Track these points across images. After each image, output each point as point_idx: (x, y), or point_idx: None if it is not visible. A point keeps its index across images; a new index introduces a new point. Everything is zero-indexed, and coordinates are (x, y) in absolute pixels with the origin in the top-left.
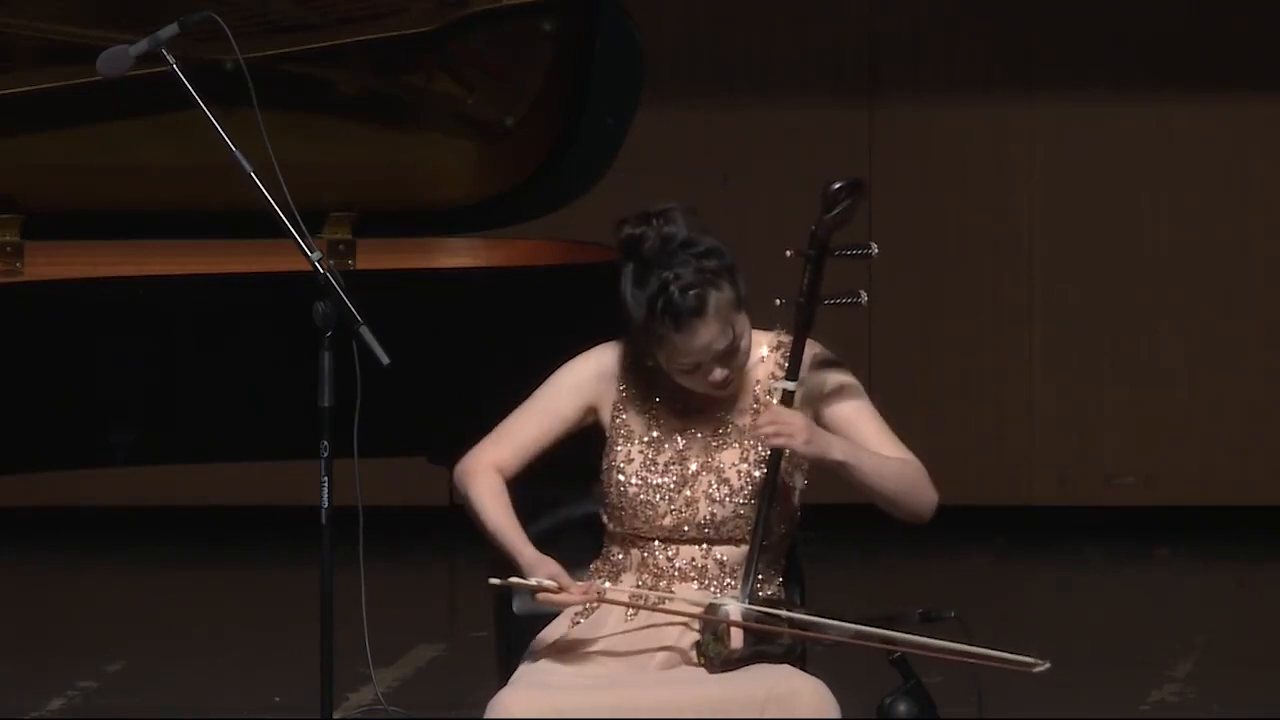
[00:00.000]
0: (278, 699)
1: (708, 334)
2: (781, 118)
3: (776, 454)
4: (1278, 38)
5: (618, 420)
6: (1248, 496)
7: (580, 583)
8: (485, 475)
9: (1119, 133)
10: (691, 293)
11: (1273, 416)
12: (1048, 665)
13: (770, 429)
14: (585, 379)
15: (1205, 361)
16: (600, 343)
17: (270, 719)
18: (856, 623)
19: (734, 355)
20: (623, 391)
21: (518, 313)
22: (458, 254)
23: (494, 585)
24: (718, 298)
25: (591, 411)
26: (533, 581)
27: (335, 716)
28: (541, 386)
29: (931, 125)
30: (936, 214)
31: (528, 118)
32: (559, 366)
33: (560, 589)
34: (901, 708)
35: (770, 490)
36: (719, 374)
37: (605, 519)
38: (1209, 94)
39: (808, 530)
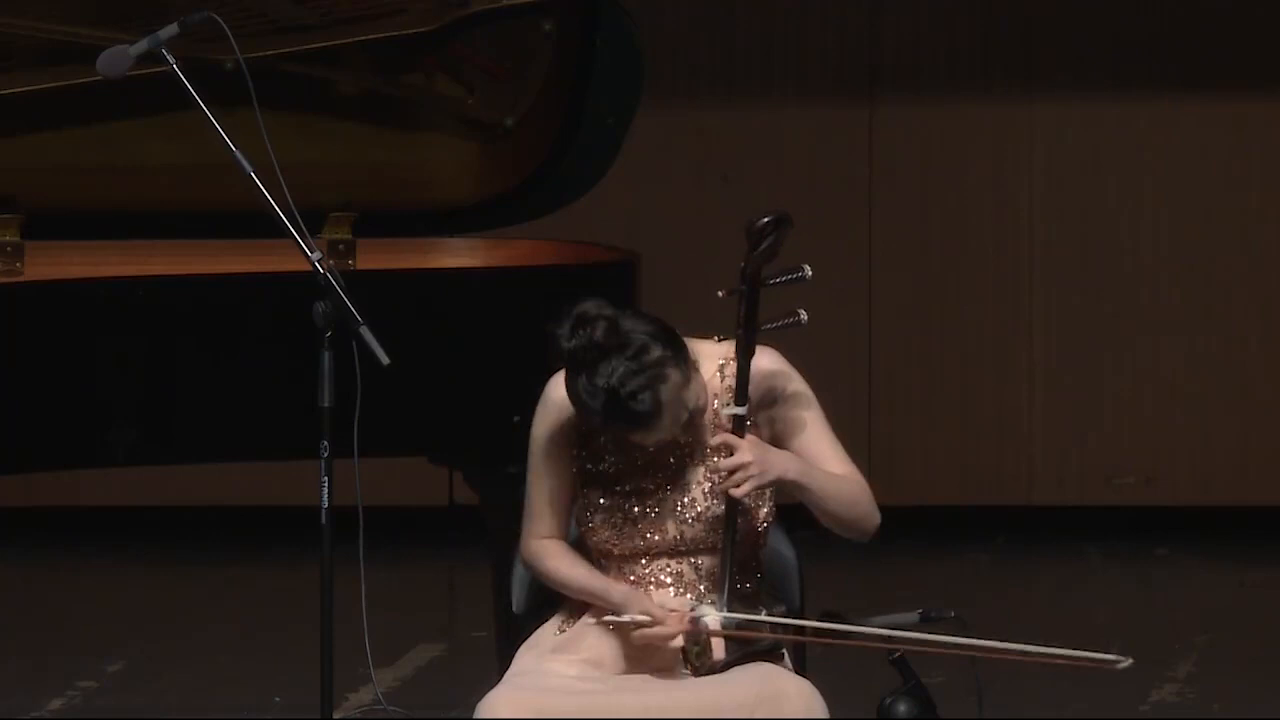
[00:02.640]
0: (278, 699)
1: (666, 422)
2: (781, 118)
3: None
4: (1278, 38)
5: (579, 449)
6: (1248, 496)
7: (674, 611)
8: (546, 547)
9: (1119, 133)
10: (642, 396)
11: (1273, 416)
12: (1130, 661)
13: (730, 482)
14: (556, 421)
15: (1205, 361)
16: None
17: (270, 719)
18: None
19: (693, 418)
20: (579, 422)
21: (518, 313)
22: (458, 254)
23: None
24: (668, 390)
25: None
26: (626, 618)
27: (335, 716)
28: (529, 457)
29: (931, 125)
30: (936, 214)
31: (528, 118)
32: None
33: (655, 621)
34: (901, 708)
35: (731, 523)
36: (683, 437)
37: (581, 536)
38: (1209, 94)
39: (806, 530)
